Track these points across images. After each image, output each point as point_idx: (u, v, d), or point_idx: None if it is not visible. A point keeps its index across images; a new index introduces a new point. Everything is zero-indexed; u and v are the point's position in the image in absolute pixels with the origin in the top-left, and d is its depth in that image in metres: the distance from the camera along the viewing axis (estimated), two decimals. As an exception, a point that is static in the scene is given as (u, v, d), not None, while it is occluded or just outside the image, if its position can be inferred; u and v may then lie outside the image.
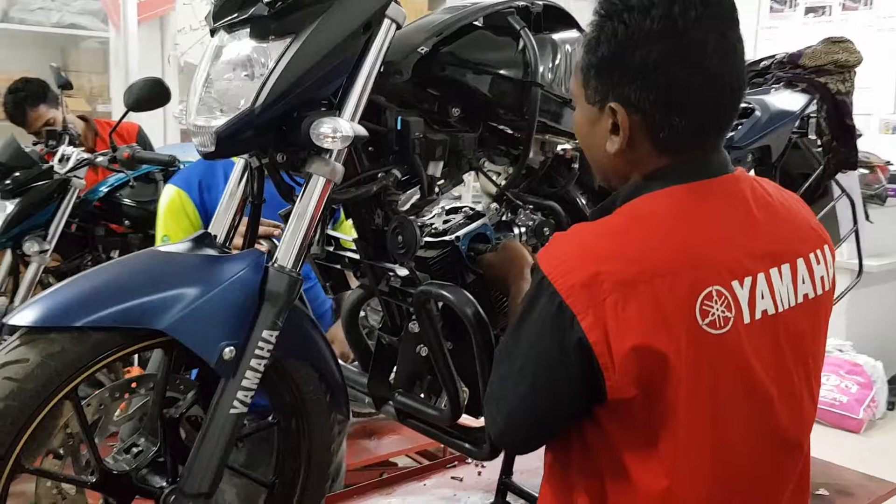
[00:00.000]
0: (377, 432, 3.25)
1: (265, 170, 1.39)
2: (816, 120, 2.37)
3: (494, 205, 1.66)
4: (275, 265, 1.26)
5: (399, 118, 1.43)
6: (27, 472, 1.16)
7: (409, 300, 1.47)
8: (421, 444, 3.08)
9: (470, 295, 1.34)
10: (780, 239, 1.08)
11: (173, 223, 2.06)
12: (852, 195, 2.93)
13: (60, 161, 2.63)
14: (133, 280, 1.20)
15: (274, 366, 1.35)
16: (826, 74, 2.41)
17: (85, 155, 2.66)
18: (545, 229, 1.67)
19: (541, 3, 1.59)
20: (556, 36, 1.61)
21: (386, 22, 1.30)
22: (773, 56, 2.40)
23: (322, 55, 1.23)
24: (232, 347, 1.21)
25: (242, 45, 1.26)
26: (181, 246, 1.33)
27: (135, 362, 2.29)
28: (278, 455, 1.49)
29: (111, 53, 4.80)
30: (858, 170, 2.52)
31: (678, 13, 1.01)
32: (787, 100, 2.24)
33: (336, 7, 1.23)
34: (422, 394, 1.56)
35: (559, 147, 1.69)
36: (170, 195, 2.10)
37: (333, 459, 1.52)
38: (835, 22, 4.68)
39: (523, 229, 1.65)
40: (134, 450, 1.29)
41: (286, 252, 1.27)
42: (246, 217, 1.49)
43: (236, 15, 1.24)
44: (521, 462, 1.85)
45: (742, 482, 1.04)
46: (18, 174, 2.59)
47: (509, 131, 1.62)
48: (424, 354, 1.48)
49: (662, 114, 1.05)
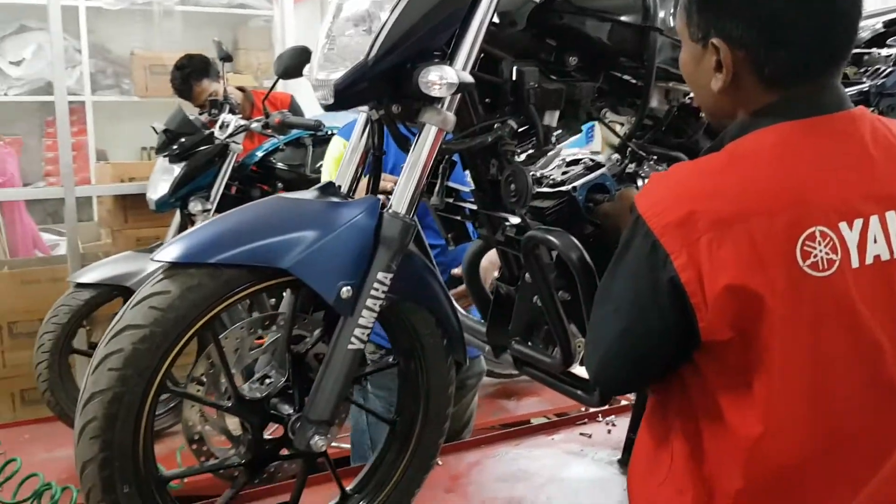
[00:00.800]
0: (517, 394, 3.32)
1: (384, 122, 1.46)
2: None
3: (615, 155, 1.64)
4: (389, 211, 1.33)
5: (514, 69, 1.45)
6: (172, 393, 1.31)
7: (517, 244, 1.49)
8: (559, 407, 3.10)
9: (575, 240, 1.35)
10: None
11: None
12: None
13: (221, 128, 2.86)
14: (261, 223, 1.31)
15: (391, 308, 1.42)
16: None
17: (242, 122, 2.87)
18: (670, 181, 1.64)
19: None
20: (676, -22, 1.56)
21: (497, -29, 1.32)
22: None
23: (432, 6, 1.27)
24: (349, 287, 1.29)
25: (361, 3, 1.33)
26: (306, 193, 1.42)
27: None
28: (399, 394, 1.57)
29: (275, 31, 5.10)
30: None
31: None
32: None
33: (447, -40, 1.26)
34: (539, 343, 1.59)
35: (685, 95, 1.64)
36: (337, 147, 2.24)
37: (451, 402, 1.58)
38: None
39: (647, 180, 1.63)
40: (266, 380, 1.41)
41: (400, 199, 1.34)
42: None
43: (357, -28, 1.30)
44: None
45: (844, 434, 0.99)
46: (184, 140, 2.85)
47: (633, 80, 1.60)
48: (540, 304, 1.51)
49: (766, 48, 1.01)
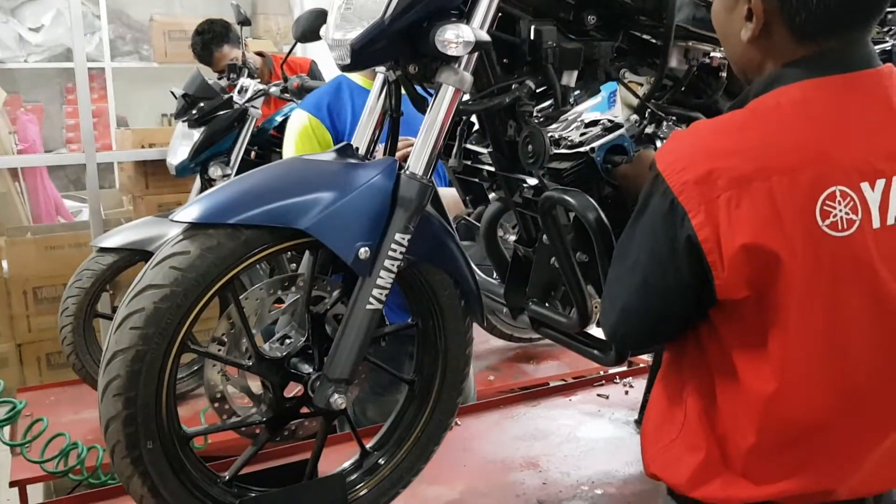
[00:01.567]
0: (536, 357, 3.34)
1: (401, 83, 1.45)
2: None
3: (634, 116, 1.63)
4: (406, 172, 1.33)
5: (532, 28, 1.44)
6: (193, 352, 1.33)
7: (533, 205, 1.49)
8: (577, 370, 3.12)
9: (593, 200, 1.34)
10: None
11: (307, 147, 2.15)
12: None
13: (239, 92, 2.86)
14: (279, 183, 1.32)
15: (410, 269, 1.43)
16: None
17: (260, 86, 2.87)
18: (689, 142, 1.62)
19: None
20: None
21: (515, -71, 1.30)
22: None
23: (449, -36, 1.26)
24: (367, 248, 1.30)
25: (378, -39, 1.31)
26: (325, 155, 1.43)
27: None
28: (418, 355, 1.59)
29: (294, -6, 5.08)
30: None
31: None
32: None
33: (461, -85, 1.25)
34: (556, 303, 1.60)
35: (705, 55, 1.62)
36: (301, 121, 2.18)
37: (469, 361, 1.59)
38: None
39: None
40: (286, 340, 1.43)
41: (417, 160, 1.34)
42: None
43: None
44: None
45: (861, 392, 0.99)
46: (203, 105, 2.86)
47: (652, 40, 1.58)
48: (557, 265, 1.51)
49: None
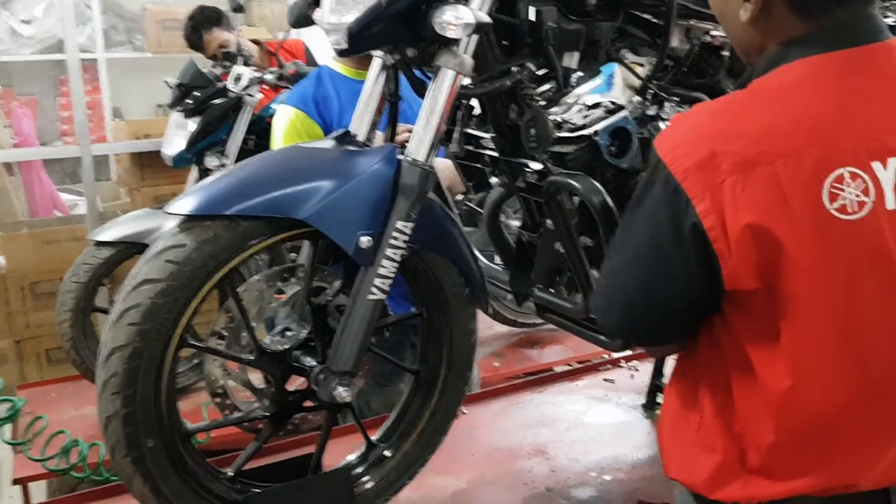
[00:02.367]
0: (540, 342, 3.31)
1: (399, 67, 1.42)
2: None
3: (636, 97, 1.60)
4: (407, 158, 1.30)
5: (532, 9, 1.40)
6: (193, 347, 1.30)
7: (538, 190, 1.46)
8: (582, 354, 3.10)
9: (598, 183, 1.31)
10: None
11: (292, 142, 2.08)
12: None
13: (235, 80, 2.82)
14: (277, 173, 1.29)
15: (413, 258, 1.41)
16: None
17: (256, 74, 2.83)
18: (694, 122, 1.59)
19: None
20: None
21: None
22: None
23: (446, -57, 1.22)
24: (369, 237, 1.27)
25: (372, -59, 1.28)
26: (323, 143, 1.40)
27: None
28: (423, 344, 1.56)
29: (287, -20, 5.00)
30: None
31: None
32: None
33: None
34: (562, 289, 1.58)
35: (706, 33, 1.58)
36: (288, 116, 2.12)
37: (474, 350, 1.57)
38: None
39: (668, 123, 1.58)
40: (288, 333, 1.41)
41: (417, 145, 1.31)
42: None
43: None
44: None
45: (880, 382, 0.95)
46: (198, 94, 2.81)
47: (653, 20, 1.54)
48: (562, 250, 1.49)
49: None
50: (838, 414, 0.94)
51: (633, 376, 2.24)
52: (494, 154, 1.58)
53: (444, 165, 1.76)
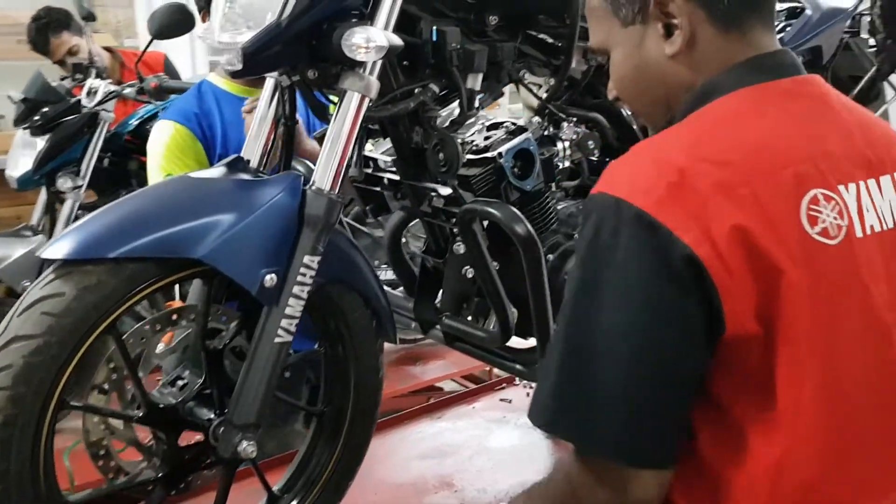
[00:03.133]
0: (422, 358, 3.25)
1: (296, 88, 1.32)
2: (870, 17, 2.23)
3: (536, 118, 1.58)
4: (313, 188, 1.21)
5: (434, 29, 1.35)
6: (74, 409, 1.15)
7: (453, 220, 1.41)
8: (467, 368, 3.07)
9: (517, 211, 1.28)
10: (877, 146, 0.92)
11: (178, 161, 1.96)
12: (907, 97, 2.78)
13: (88, 94, 2.58)
14: (167, 208, 1.16)
15: (318, 292, 1.31)
16: (879, -35, 2.26)
17: (112, 87, 2.60)
18: (590, 142, 1.60)
19: None
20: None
21: (417, -78, 1.20)
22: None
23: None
24: (273, 275, 1.17)
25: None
26: (215, 172, 1.28)
27: (176, 295, 2.28)
28: (326, 383, 1.46)
29: (134, -15, 4.70)
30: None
31: None
32: (839, -3, 2.10)
33: None
34: (469, 316, 1.53)
35: (602, 55, 1.58)
36: (169, 132, 1.98)
37: (381, 387, 1.49)
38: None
39: (567, 143, 1.58)
40: (179, 382, 1.28)
41: (324, 173, 1.22)
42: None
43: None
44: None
45: (861, 433, 0.85)
46: (47, 109, 2.55)
47: (549, 40, 1.53)
48: (470, 276, 1.44)
49: None
50: (826, 475, 0.84)
51: (529, 394, 2.23)
52: (395, 177, 1.51)
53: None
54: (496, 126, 1.58)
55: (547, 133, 1.60)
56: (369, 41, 1.12)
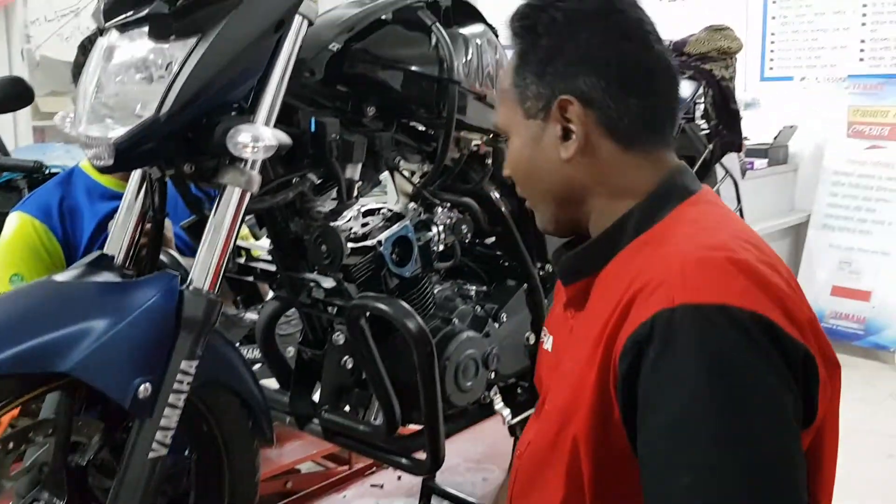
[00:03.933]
0: (278, 440, 3.11)
1: (168, 181, 1.26)
2: (704, 105, 2.45)
3: (412, 204, 1.59)
4: (190, 288, 1.14)
5: (313, 119, 1.33)
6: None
7: (332, 310, 1.38)
8: (326, 448, 2.97)
9: (409, 307, 1.27)
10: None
11: (27, 260, 1.75)
12: (735, 176, 3.07)
13: None
14: (26, 317, 1.05)
15: (191, 396, 1.23)
16: (710, 61, 2.50)
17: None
18: (463, 226, 1.62)
19: None
20: (465, 30, 1.56)
21: (298, 19, 1.20)
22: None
23: (233, 56, 1.12)
24: (147, 384, 1.09)
25: (138, 46, 1.13)
26: (77, 272, 1.18)
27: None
28: (198, 492, 1.36)
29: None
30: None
31: None
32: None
33: (246, 4, 1.11)
34: (347, 407, 1.49)
35: (474, 143, 1.63)
36: (18, 225, 1.76)
37: (257, 492, 1.41)
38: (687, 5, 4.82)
39: (441, 227, 1.59)
40: (37, 508, 1.14)
41: (202, 272, 1.15)
42: None
43: (131, 13, 1.10)
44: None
45: None
46: None
47: (422, 128, 1.56)
48: (350, 366, 1.41)
49: (618, 97, 0.93)
50: None
51: (400, 477, 2.18)
52: (269, 267, 1.46)
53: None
54: (372, 212, 1.58)
55: (422, 218, 1.61)
56: (257, 140, 1.09)
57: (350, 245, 1.44)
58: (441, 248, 1.61)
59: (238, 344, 1.78)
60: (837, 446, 0.90)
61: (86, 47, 1.67)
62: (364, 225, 1.52)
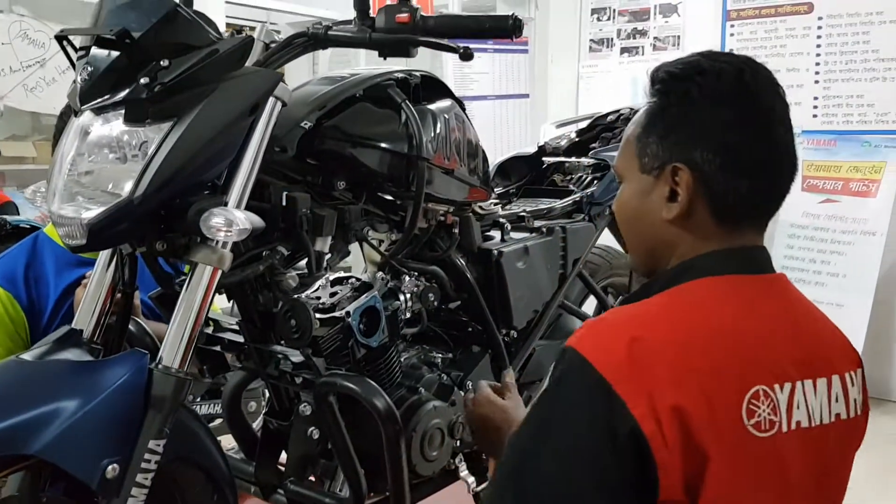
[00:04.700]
0: None
1: (139, 257, 1.27)
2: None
3: (380, 273, 1.61)
4: (160, 366, 1.15)
5: (284, 194, 1.36)
6: None
7: (299, 382, 1.39)
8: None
9: (375, 384, 1.28)
10: (820, 350, 1.01)
11: None
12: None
13: None
14: (-5, 399, 1.05)
15: (157, 473, 1.23)
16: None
17: None
18: (430, 294, 1.65)
19: (418, 74, 1.58)
20: (434, 106, 1.60)
21: (271, 101, 1.23)
22: (619, 111, 2.49)
23: (208, 139, 1.14)
24: (115, 464, 1.09)
25: (113, 127, 1.15)
26: (45, 349, 1.18)
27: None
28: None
29: None
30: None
31: (748, 78, 1.00)
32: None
33: (222, 89, 1.15)
34: (313, 477, 1.49)
35: (442, 214, 1.67)
36: None
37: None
38: (648, 61, 4.98)
39: (408, 295, 1.62)
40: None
41: (172, 350, 1.16)
42: None
43: (108, 96, 1.12)
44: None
45: None
46: None
47: (389, 198, 1.59)
48: (316, 437, 1.41)
49: (728, 177, 0.98)
50: None
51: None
52: (237, 338, 1.47)
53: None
54: (340, 281, 1.59)
55: (389, 286, 1.64)
56: (231, 224, 1.11)
57: (318, 316, 1.46)
58: (408, 316, 1.63)
59: (199, 399, 1.77)
60: None
61: (64, 115, 1.67)
62: (332, 294, 1.53)
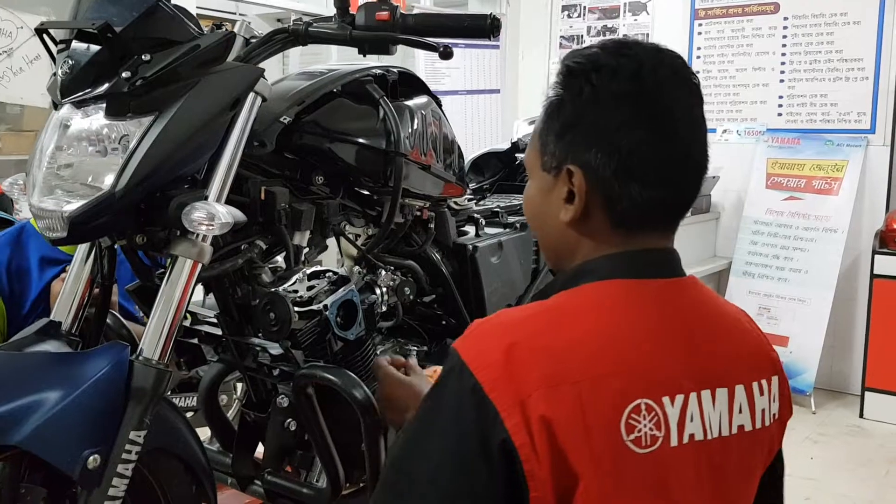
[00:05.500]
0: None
1: (119, 250, 1.27)
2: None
3: (357, 268, 1.63)
4: (140, 358, 1.16)
5: (263, 189, 1.37)
6: None
7: (277, 374, 1.41)
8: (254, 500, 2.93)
9: (354, 375, 1.30)
10: (722, 359, 0.96)
11: None
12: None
13: None
14: (-24, 391, 1.05)
15: (138, 463, 1.24)
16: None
17: None
18: (406, 288, 1.67)
19: (396, 71, 1.60)
20: (411, 102, 1.62)
21: (252, 96, 1.24)
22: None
23: (189, 133, 1.15)
24: (96, 455, 1.10)
25: (93, 121, 1.15)
26: (25, 341, 1.18)
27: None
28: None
29: None
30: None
31: (646, 75, 0.94)
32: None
33: (203, 84, 1.16)
34: (289, 468, 1.51)
35: (418, 209, 1.69)
36: None
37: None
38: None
39: (384, 289, 1.64)
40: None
41: (152, 342, 1.17)
42: None
43: (89, 90, 1.13)
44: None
45: None
46: None
47: (367, 192, 1.61)
48: (293, 428, 1.43)
49: (622, 182, 0.93)
50: None
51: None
52: (214, 331, 1.48)
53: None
54: (317, 275, 1.61)
55: (366, 280, 1.66)
56: (213, 218, 1.13)
57: (296, 309, 1.48)
58: (384, 309, 1.65)
59: (172, 392, 1.78)
60: None
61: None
62: (310, 288, 1.55)
